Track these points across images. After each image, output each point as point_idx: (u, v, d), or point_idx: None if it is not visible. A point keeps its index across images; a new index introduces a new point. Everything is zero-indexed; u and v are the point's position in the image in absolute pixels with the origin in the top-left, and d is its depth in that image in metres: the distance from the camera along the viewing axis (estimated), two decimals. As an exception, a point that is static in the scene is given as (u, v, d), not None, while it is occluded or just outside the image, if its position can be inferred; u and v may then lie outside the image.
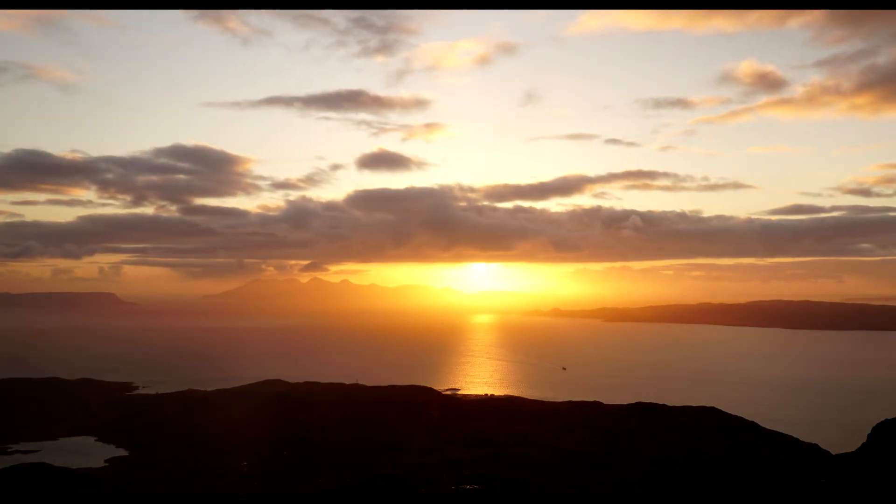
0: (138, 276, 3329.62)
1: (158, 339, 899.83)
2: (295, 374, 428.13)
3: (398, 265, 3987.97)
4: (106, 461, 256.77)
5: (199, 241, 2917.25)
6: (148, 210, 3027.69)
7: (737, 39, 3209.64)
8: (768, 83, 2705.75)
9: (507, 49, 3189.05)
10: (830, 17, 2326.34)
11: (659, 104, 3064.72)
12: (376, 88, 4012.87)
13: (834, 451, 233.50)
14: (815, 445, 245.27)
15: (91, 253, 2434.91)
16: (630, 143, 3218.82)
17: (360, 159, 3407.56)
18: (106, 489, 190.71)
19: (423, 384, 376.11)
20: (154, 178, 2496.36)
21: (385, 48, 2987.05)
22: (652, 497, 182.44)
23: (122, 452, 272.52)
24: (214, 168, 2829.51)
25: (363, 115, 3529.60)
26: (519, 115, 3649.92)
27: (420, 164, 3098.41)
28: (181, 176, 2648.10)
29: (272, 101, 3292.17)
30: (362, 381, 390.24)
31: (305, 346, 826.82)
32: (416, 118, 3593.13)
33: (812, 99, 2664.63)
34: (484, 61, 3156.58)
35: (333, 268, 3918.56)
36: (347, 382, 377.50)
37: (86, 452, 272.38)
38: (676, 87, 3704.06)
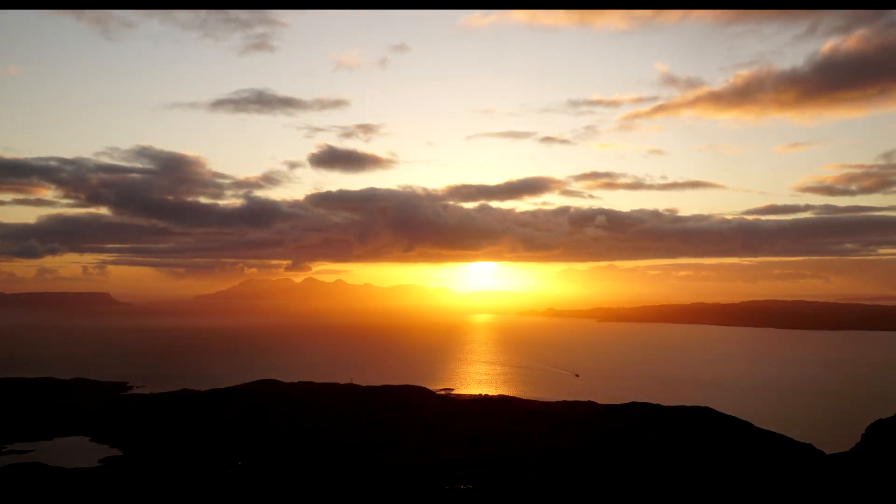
0: (124, 276, 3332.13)
1: (153, 339, 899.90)
2: (289, 374, 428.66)
3: (392, 265, 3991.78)
4: (100, 461, 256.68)
5: (172, 242, 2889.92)
6: (101, 211, 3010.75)
7: (662, 37, 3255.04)
8: (692, 83, 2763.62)
9: (403, 49, 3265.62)
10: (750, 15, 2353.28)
11: (588, 103, 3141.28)
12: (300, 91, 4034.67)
13: (828, 451, 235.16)
14: (809, 445, 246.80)
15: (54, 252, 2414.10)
16: (565, 141, 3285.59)
17: (312, 158, 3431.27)
18: (100, 489, 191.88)
19: (417, 384, 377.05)
20: (107, 177, 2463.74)
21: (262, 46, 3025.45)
22: (647, 497, 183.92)
23: (116, 452, 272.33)
24: (172, 168, 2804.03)
25: (298, 116, 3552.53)
26: (448, 112, 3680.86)
27: (375, 163, 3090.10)
28: (136, 175, 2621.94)
29: (220, 104, 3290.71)
30: (357, 381, 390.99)
31: (300, 346, 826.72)
32: (341, 118, 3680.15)
33: (740, 98, 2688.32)
34: (384, 61, 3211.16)
35: (315, 267, 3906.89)
36: (342, 382, 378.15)
37: (80, 452, 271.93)
38: (604, 86, 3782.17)
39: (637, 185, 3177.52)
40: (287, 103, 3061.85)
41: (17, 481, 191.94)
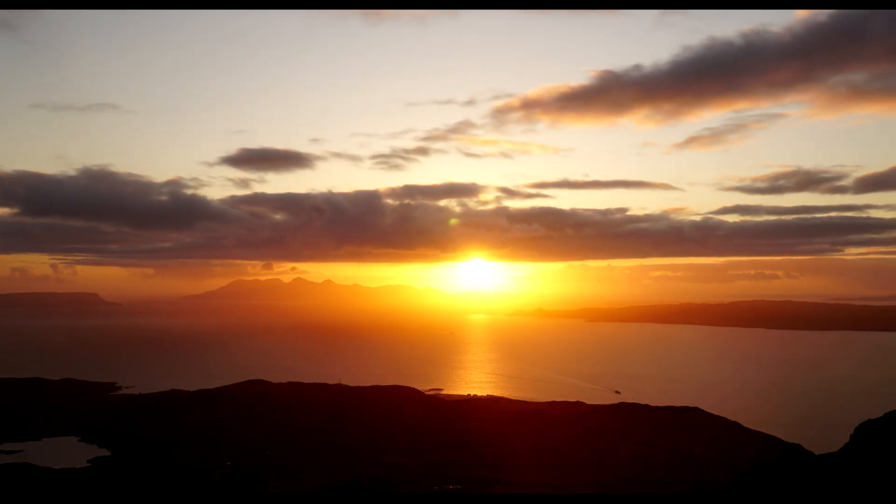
0: (108, 276, 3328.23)
1: (142, 339, 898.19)
2: (278, 374, 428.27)
3: (380, 265, 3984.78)
4: (89, 461, 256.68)
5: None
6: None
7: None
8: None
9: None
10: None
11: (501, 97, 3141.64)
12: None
13: (817, 452, 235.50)
14: (798, 445, 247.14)
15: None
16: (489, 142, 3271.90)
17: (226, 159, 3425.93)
18: (89, 489, 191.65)
19: (405, 384, 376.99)
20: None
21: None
22: (635, 496, 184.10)
23: (104, 453, 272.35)
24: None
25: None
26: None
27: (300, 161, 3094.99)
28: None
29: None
30: (345, 382, 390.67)
31: (288, 346, 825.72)
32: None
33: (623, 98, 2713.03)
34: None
35: (281, 266, 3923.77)
36: (330, 383, 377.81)
37: (69, 452, 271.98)
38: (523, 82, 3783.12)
39: (569, 185, 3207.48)
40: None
41: (5, 481, 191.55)
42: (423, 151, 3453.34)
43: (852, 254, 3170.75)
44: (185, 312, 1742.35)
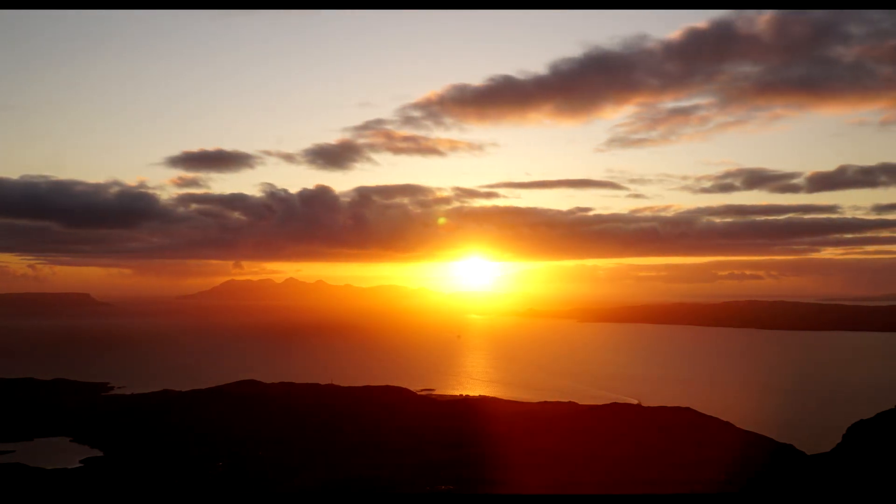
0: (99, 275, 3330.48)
1: (134, 339, 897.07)
2: (270, 374, 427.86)
3: (372, 265, 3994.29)
4: (81, 461, 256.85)
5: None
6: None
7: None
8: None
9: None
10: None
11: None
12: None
13: (809, 452, 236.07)
14: (790, 446, 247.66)
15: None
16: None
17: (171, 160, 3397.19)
18: (81, 489, 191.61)
19: (398, 385, 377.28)
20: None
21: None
22: (628, 497, 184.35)
23: (97, 453, 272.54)
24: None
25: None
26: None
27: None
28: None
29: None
30: (337, 382, 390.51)
31: (281, 346, 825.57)
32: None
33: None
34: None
35: (253, 267, 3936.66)
36: (322, 383, 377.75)
37: (61, 453, 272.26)
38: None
39: (527, 185, 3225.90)
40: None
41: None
42: (367, 151, 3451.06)
43: (837, 254, 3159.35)
44: (177, 312, 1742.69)
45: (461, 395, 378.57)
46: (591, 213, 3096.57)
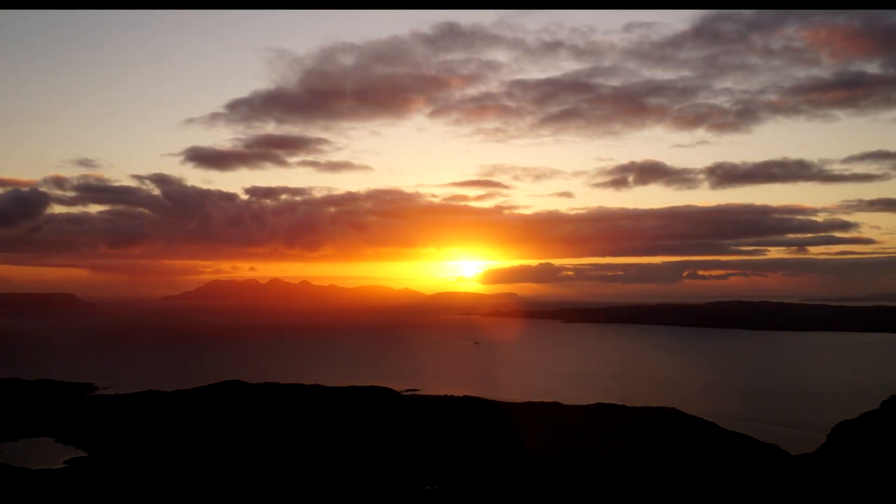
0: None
1: (118, 340, 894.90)
2: (254, 375, 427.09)
3: (356, 264, 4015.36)
4: (65, 462, 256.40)
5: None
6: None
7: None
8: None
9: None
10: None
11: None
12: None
13: (793, 453, 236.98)
14: (775, 446, 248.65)
15: None
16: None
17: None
18: (65, 490, 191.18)
19: (382, 385, 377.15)
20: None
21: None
22: (613, 498, 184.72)
23: (81, 454, 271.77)
24: None
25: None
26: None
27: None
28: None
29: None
30: (321, 382, 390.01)
31: (264, 346, 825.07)
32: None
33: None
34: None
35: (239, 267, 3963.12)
36: (307, 383, 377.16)
37: (45, 453, 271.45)
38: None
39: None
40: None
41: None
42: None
43: (821, 254, 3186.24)
44: (161, 313, 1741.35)
45: (445, 396, 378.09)
46: (519, 213, 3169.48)
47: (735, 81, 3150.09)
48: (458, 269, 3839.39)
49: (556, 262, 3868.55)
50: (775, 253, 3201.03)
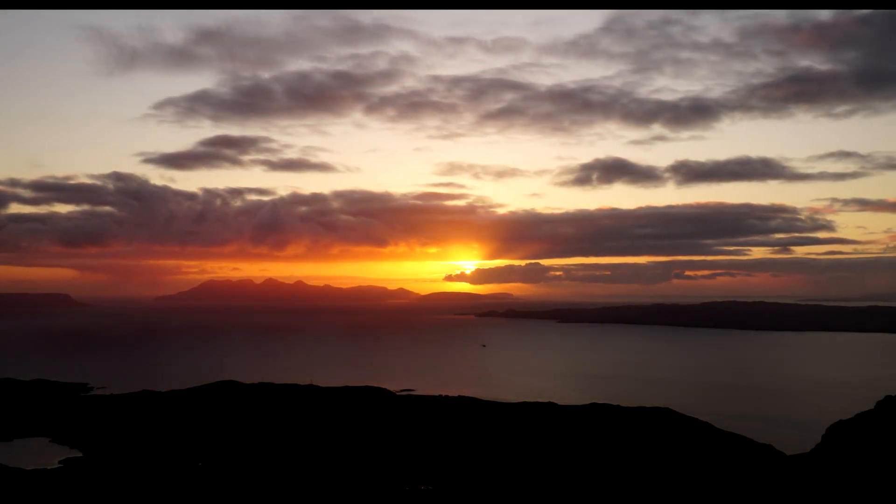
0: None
1: (113, 339, 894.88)
2: (249, 375, 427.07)
3: (351, 264, 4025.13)
4: (60, 462, 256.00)
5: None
6: None
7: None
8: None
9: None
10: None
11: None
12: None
13: (788, 453, 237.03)
14: (770, 446, 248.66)
15: None
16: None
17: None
18: (60, 489, 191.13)
19: (376, 385, 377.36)
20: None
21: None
22: (606, 498, 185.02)
23: (76, 454, 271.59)
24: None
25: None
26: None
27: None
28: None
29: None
30: (317, 382, 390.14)
31: (260, 347, 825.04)
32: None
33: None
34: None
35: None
36: (302, 383, 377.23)
37: (40, 453, 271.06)
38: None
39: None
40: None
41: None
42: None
43: (808, 254, 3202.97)
44: (156, 313, 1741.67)
45: (439, 396, 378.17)
46: (496, 213, 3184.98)
47: (674, 76, 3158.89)
48: (451, 269, 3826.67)
49: (545, 262, 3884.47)
50: (759, 253, 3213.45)
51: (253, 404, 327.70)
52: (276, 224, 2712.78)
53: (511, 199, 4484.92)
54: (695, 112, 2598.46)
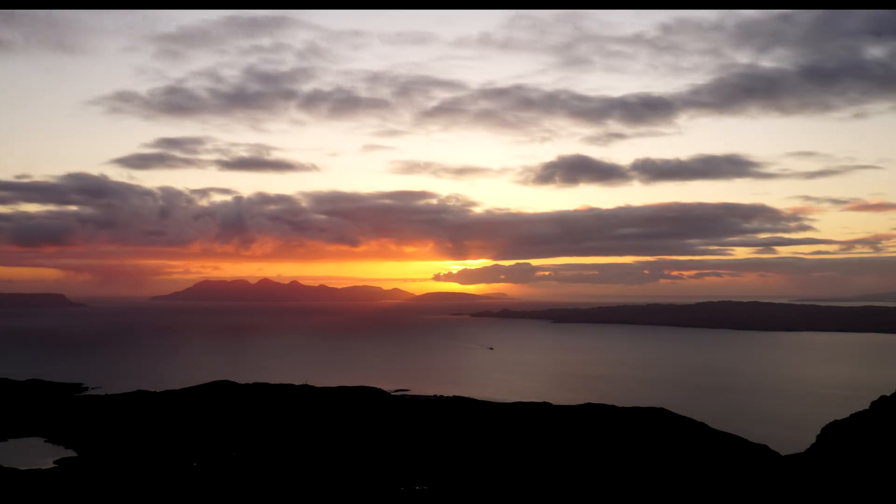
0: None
1: (108, 340, 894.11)
2: (244, 375, 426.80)
3: (346, 264, 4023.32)
4: (55, 462, 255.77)
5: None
6: None
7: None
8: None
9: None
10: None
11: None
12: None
13: (783, 453, 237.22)
14: (765, 446, 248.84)
15: None
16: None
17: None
18: (55, 489, 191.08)
19: (372, 385, 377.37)
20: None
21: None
22: (601, 498, 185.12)
23: (71, 454, 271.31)
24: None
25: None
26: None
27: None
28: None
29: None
30: (311, 383, 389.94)
31: (255, 347, 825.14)
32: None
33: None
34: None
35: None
36: (297, 384, 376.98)
37: (35, 453, 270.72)
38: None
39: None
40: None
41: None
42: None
43: (795, 254, 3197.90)
44: (151, 313, 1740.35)
45: (435, 396, 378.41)
46: (476, 213, 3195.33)
47: (607, 70, 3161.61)
48: (434, 269, 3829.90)
49: (533, 262, 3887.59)
50: (742, 253, 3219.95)
51: (248, 404, 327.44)
52: (242, 224, 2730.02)
53: (482, 198, 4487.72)
54: (648, 109, 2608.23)
